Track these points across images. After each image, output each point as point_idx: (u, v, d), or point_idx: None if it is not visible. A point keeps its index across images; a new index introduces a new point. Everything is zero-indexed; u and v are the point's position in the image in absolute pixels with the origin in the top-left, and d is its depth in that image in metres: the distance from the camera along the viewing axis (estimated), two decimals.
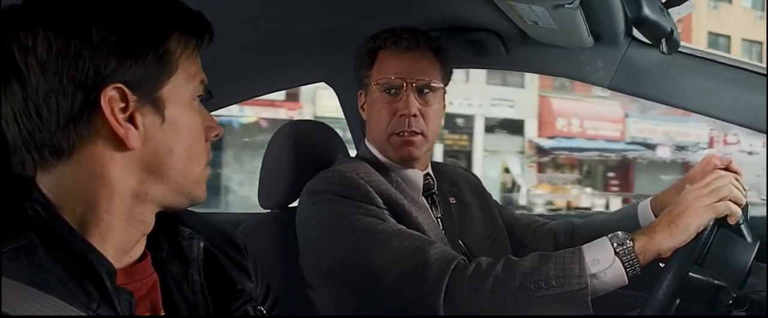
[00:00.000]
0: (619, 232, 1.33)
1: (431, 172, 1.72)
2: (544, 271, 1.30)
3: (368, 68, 1.63)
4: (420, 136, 1.61)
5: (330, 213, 1.49)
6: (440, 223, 1.65)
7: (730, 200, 1.31)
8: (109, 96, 0.85)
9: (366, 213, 1.46)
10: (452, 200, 1.73)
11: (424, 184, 1.67)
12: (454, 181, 1.78)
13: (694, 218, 1.29)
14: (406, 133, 1.60)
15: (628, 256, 1.29)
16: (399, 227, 1.46)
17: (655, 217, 1.64)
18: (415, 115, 1.59)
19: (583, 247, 1.34)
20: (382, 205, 1.49)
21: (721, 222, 1.36)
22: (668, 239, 1.29)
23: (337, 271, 1.49)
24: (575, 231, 1.78)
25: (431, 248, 1.39)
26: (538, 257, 1.34)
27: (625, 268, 1.29)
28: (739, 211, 1.32)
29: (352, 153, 1.82)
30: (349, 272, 1.46)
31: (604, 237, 1.33)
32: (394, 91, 1.60)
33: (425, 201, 1.66)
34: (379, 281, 1.40)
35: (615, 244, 1.31)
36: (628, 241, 1.30)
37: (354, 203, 1.47)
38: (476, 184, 1.87)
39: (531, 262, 1.33)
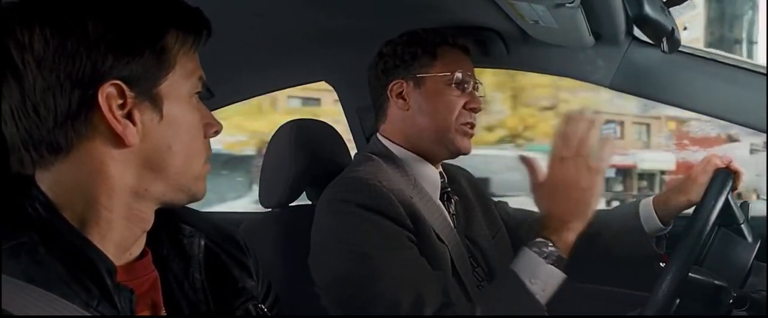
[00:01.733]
0: (538, 240, 1.37)
1: (442, 171, 1.72)
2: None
3: (430, 59, 1.63)
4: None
5: (347, 227, 1.47)
6: (453, 222, 1.65)
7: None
8: (107, 93, 0.85)
9: (384, 234, 1.45)
10: (456, 198, 1.73)
11: (440, 183, 1.68)
12: (454, 179, 1.78)
13: (585, 191, 1.36)
14: (472, 125, 1.65)
15: (557, 258, 1.35)
16: (411, 264, 1.45)
17: (657, 215, 1.64)
18: (479, 110, 1.66)
19: (515, 269, 1.37)
20: (404, 216, 1.49)
21: (721, 221, 1.36)
22: (577, 221, 1.37)
23: (340, 289, 1.48)
24: None
25: (428, 305, 1.38)
26: (485, 305, 1.36)
27: (560, 268, 1.35)
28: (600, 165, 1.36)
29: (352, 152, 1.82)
30: (350, 296, 1.46)
31: (526, 250, 1.38)
32: (463, 85, 1.63)
33: (440, 201, 1.66)
34: (375, 309, 1.41)
35: (543, 256, 1.35)
36: (548, 246, 1.36)
37: (373, 218, 1.46)
38: (474, 182, 1.88)
39: (483, 314, 1.35)
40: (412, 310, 1.37)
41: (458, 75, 1.62)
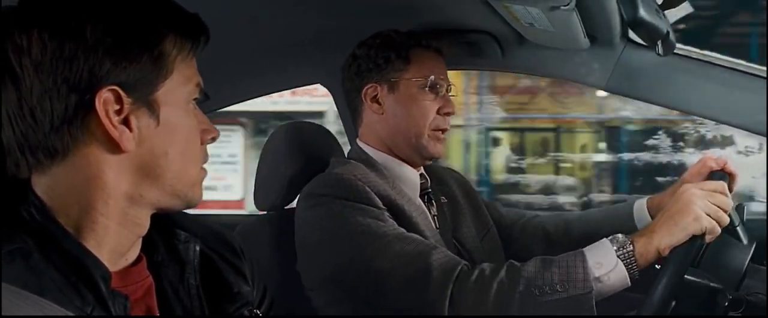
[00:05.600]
0: (619, 235, 1.34)
1: (424, 172, 1.72)
2: (548, 276, 1.31)
3: (404, 63, 1.63)
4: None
5: (329, 216, 1.48)
6: (435, 222, 1.65)
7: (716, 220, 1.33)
8: (104, 98, 0.84)
9: (365, 214, 1.45)
10: (443, 199, 1.73)
11: (420, 184, 1.68)
12: (442, 180, 1.79)
13: (694, 221, 1.30)
14: (445, 131, 1.65)
15: (629, 259, 1.31)
16: (399, 230, 1.45)
17: (651, 217, 1.64)
18: (452, 114, 1.66)
19: (584, 250, 1.35)
20: (381, 206, 1.49)
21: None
22: (666, 237, 1.30)
23: (337, 275, 1.48)
24: (569, 226, 1.78)
25: (434, 253, 1.39)
26: (541, 262, 1.35)
27: (628, 271, 1.31)
28: (718, 230, 1.33)
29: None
30: (349, 277, 1.45)
31: (605, 239, 1.35)
32: (437, 89, 1.63)
33: (421, 201, 1.66)
34: (380, 286, 1.40)
35: (616, 247, 1.32)
36: (628, 244, 1.32)
37: (353, 205, 1.47)
38: (463, 182, 1.88)
39: (534, 266, 1.33)
40: (426, 277, 1.35)
41: (432, 79, 1.62)
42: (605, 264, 1.31)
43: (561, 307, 1.29)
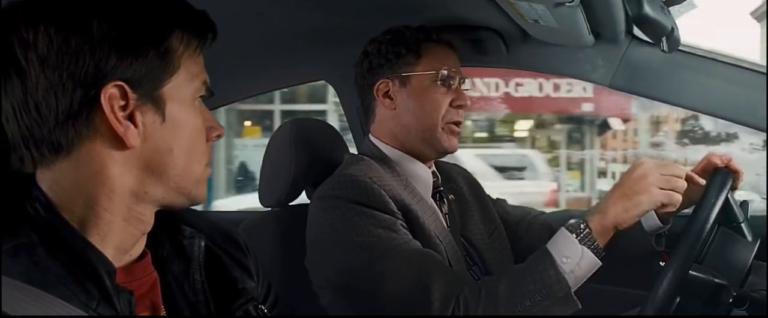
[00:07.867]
0: (572, 220, 1.37)
1: (436, 170, 1.72)
2: (524, 290, 1.33)
3: (415, 57, 1.63)
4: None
5: (342, 221, 1.48)
6: (446, 221, 1.65)
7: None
8: (110, 93, 0.84)
9: (378, 223, 1.46)
10: (451, 197, 1.73)
11: (432, 182, 1.68)
12: (451, 178, 1.78)
13: (648, 196, 1.34)
14: (459, 124, 1.65)
15: (590, 241, 1.34)
16: (410, 245, 1.45)
17: (656, 213, 1.64)
18: (466, 106, 1.65)
19: (548, 247, 1.37)
20: (396, 210, 1.49)
21: (721, 220, 1.36)
22: (622, 214, 1.34)
23: (342, 281, 1.49)
24: None
25: (435, 279, 1.39)
26: (512, 276, 1.37)
27: (593, 252, 1.34)
28: (677, 199, 1.37)
29: (353, 152, 1.82)
30: (354, 285, 1.46)
31: (563, 228, 1.37)
32: (449, 82, 1.63)
33: (433, 200, 1.66)
34: (382, 299, 1.42)
35: (575, 234, 1.35)
36: (582, 226, 1.35)
37: (367, 211, 1.47)
38: (471, 180, 1.88)
39: (507, 284, 1.35)
40: (426, 300, 1.36)
41: (443, 72, 1.62)
42: (572, 255, 1.34)
43: (546, 312, 1.32)
